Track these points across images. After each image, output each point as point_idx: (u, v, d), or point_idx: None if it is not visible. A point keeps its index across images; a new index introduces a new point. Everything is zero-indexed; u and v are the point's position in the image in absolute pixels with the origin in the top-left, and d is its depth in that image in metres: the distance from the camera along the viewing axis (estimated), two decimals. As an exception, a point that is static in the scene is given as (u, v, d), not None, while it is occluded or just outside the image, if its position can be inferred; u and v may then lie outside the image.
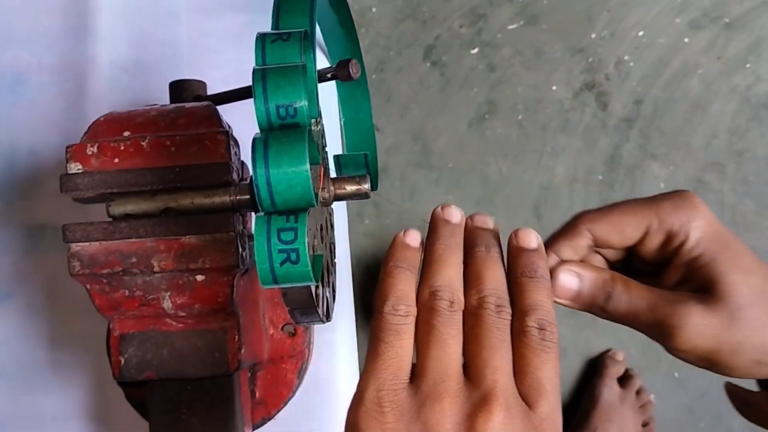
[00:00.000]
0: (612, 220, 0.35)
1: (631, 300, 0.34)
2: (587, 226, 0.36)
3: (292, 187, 0.31)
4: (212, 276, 0.40)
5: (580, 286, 0.35)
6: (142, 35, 0.57)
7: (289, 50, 0.34)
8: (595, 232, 0.36)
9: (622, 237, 0.35)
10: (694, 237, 0.34)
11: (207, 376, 0.42)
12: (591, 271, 0.35)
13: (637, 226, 0.35)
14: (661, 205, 0.35)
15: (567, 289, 0.35)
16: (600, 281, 0.35)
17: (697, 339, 0.33)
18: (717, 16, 1.28)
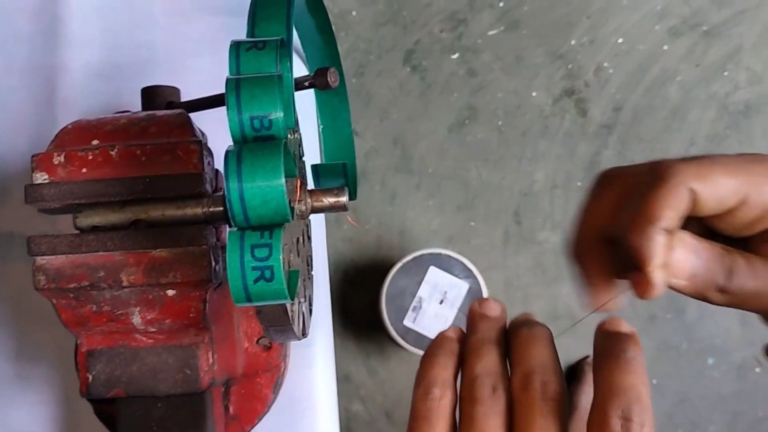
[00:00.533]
0: (717, 180, 0.27)
1: (757, 276, 0.29)
2: (692, 184, 0.27)
3: (267, 202, 0.30)
4: (184, 291, 0.38)
5: (696, 264, 0.29)
6: (116, 38, 0.56)
7: (264, 59, 0.33)
8: (702, 193, 0.27)
9: (719, 204, 0.28)
10: None
11: (178, 393, 0.40)
12: (705, 244, 0.29)
13: (736, 192, 0.28)
14: (750, 165, 0.28)
15: (684, 269, 0.29)
16: (718, 255, 0.29)
17: None
18: (696, 24, 1.29)
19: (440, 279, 1.02)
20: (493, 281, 1.17)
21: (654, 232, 0.27)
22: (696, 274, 0.29)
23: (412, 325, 1.02)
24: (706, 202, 0.28)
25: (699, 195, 0.27)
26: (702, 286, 0.29)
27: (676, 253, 0.28)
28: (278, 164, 0.30)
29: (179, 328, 0.40)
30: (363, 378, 1.21)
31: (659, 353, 1.22)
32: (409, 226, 1.22)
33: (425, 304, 1.02)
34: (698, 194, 0.27)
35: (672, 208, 0.27)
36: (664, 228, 0.27)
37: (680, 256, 0.28)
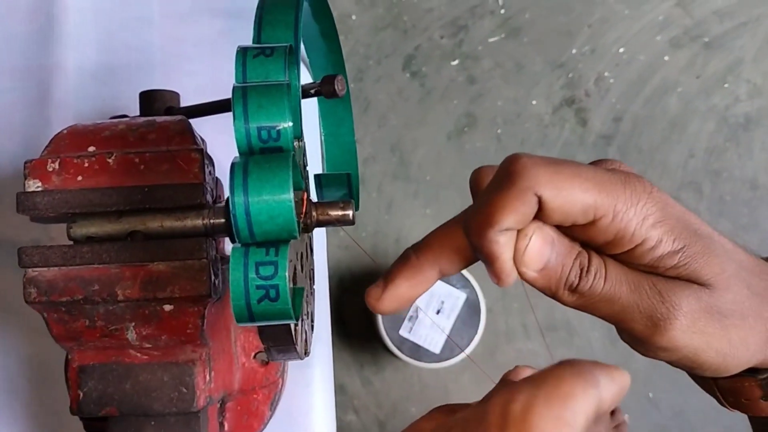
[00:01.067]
0: (570, 194, 0.26)
1: (610, 279, 0.28)
2: (541, 192, 0.26)
3: (274, 218, 0.28)
4: (181, 306, 0.37)
5: (551, 256, 0.27)
6: (112, 40, 0.54)
7: (272, 67, 0.32)
8: (548, 200, 0.26)
9: (565, 217, 0.27)
10: (654, 236, 0.27)
11: (173, 412, 0.39)
12: (563, 238, 0.28)
13: (585, 211, 0.26)
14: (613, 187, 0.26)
15: (537, 259, 0.27)
16: (574, 251, 0.28)
17: (687, 334, 0.27)
18: (697, 35, 1.28)
19: (437, 288, 1.01)
20: (489, 291, 1.16)
21: (493, 234, 0.26)
22: (548, 267, 0.28)
23: (408, 335, 1.00)
24: (551, 213, 0.26)
25: (546, 204, 0.26)
26: (554, 281, 0.28)
27: (531, 242, 0.27)
28: (286, 178, 0.28)
29: (175, 344, 0.38)
30: (357, 388, 1.20)
31: (654, 366, 1.21)
32: (406, 234, 1.21)
33: (422, 314, 1.00)
34: (545, 203, 0.26)
35: (515, 213, 0.26)
36: (504, 230, 0.26)
37: (534, 246, 0.27)
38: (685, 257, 0.27)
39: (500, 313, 1.21)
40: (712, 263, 0.27)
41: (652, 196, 0.27)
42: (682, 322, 0.27)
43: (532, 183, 0.26)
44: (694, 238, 0.27)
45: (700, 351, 0.28)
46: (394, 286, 0.29)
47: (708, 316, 0.27)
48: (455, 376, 1.20)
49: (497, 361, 1.20)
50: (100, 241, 0.36)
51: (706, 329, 0.28)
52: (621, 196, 0.26)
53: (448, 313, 1.00)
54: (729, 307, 0.28)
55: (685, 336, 0.27)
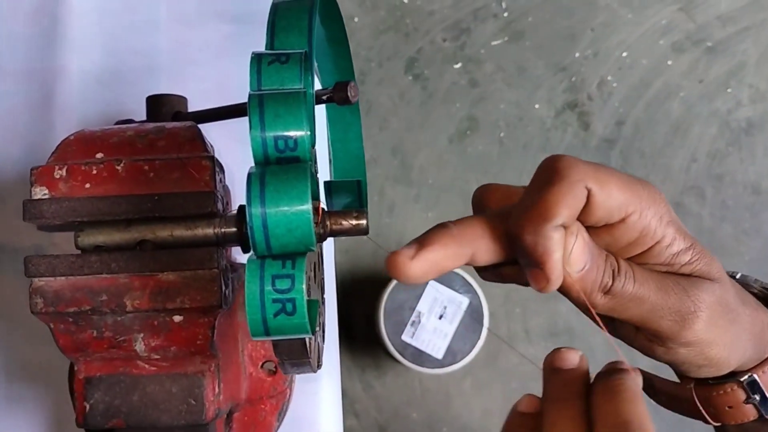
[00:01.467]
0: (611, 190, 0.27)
1: (639, 279, 0.28)
2: (590, 185, 0.26)
3: (292, 230, 0.28)
4: (191, 317, 0.36)
5: (589, 260, 0.28)
6: (118, 43, 0.53)
7: (287, 74, 0.31)
8: (596, 197, 0.26)
9: (607, 213, 0.27)
10: (669, 234, 0.28)
11: (181, 425, 0.38)
12: (593, 241, 0.28)
13: (620, 207, 0.27)
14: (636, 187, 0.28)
15: (580, 260, 0.27)
16: (603, 255, 0.28)
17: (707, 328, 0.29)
18: (700, 40, 1.28)
19: (440, 293, 1.00)
20: (492, 296, 1.15)
21: (549, 230, 0.26)
22: (587, 269, 0.28)
23: (411, 340, 1.00)
24: (596, 208, 0.27)
25: (593, 198, 0.26)
26: (589, 283, 0.28)
27: (577, 242, 0.27)
28: (305, 189, 0.28)
29: (185, 355, 0.37)
30: (358, 393, 1.19)
31: (657, 371, 1.20)
32: (407, 238, 1.20)
33: (424, 319, 0.99)
34: (593, 197, 0.26)
35: (569, 206, 0.26)
36: (559, 225, 0.26)
37: (579, 247, 0.27)
38: (695, 254, 0.29)
39: (502, 319, 1.20)
40: (713, 261, 0.30)
41: (662, 198, 0.28)
42: (705, 314, 0.29)
43: (582, 176, 0.26)
44: (693, 238, 0.29)
45: (713, 344, 0.29)
46: (428, 250, 0.28)
47: (720, 309, 0.29)
48: (457, 381, 1.19)
49: (499, 367, 1.19)
50: (109, 250, 0.35)
51: (719, 322, 0.29)
52: (644, 198, 0.28)
53: (450, 318, 0.99)
54: (732, 301, 0.30)
55: (706, 329, 0.29)
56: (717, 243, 1.23)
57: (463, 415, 1.18)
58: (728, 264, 1.22)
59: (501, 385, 1.19)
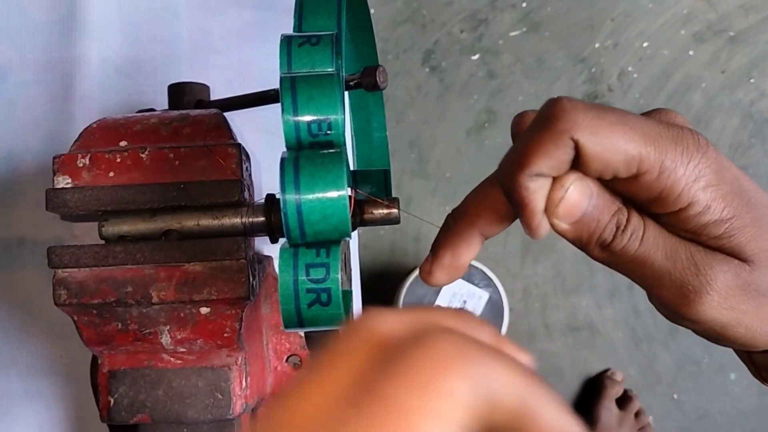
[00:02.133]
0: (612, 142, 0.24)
1: (646, 242, 0.26)
2: (578, 136, 0.24)
3: (327, 217, 0.26)
4: (218, 308, 0.35)
5: (587, 209, 0.26)
6: (138, 31, 0.52)
7: (318, 56, 0.30)
8: (585, 146, 0.24)
9: (604, 167, 0.25)
10: (702, 201, 0.25)
11: (207, 419, 0.37)
12: (603, 191, 0.26)
13: (629, 162, 0.25)
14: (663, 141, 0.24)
15: (572, 212, 0.26)
16: (614, 206, 0.26)
17: (719, 310, 0.26)
18: (722, 29, 1.25)
19: (459, 288, 0.99)
20: (511, 290, 1.14)
21: (524, 179, 0.25)
22: (582, 220, 0.26)
23: (430, 335, 0.98)
24: (590, 161, 0.24)
25: (583, 151, 0.24)
26: (586, 235, 0.26)
27: (569, 193, 0.25)
28: (341, 174, 0.26)
29: (211, 348, 0.36)
30: (376, 388, 1.18)
31: (680, 367, 1.19)
32: (425, 232, 1.19)
33: (443, 314, 0.98)
34: (582, 150, 0.24)
35: (548, 158, 0.24)
36: (535, 175, 0.25)
37: (571, 198, 0.25)
38: (732, 228, 0.25)
39: (522, 313, 1.19)
40: (759, 238, 0.25)
41: (707, 155, 0.25)
42: (713, 297, 0.26)
43: (569, 126, 0.24)
44: (745, 208, 0.25)
45: (729, 327, 0.26)
46: (438, 258, 0.28)
47: (743, 294, 0.26)
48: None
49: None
50: (134, 240, 0.34)
51: (740, 306, 0.26)
52: (671, 152, 0.24)
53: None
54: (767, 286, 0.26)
55: (715, 311, 0.26)
56: (740, 236, 1.21)
57: (482, 410, 1.17)
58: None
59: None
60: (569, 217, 0.26)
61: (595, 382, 1.17)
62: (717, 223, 0.25)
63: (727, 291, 0.26)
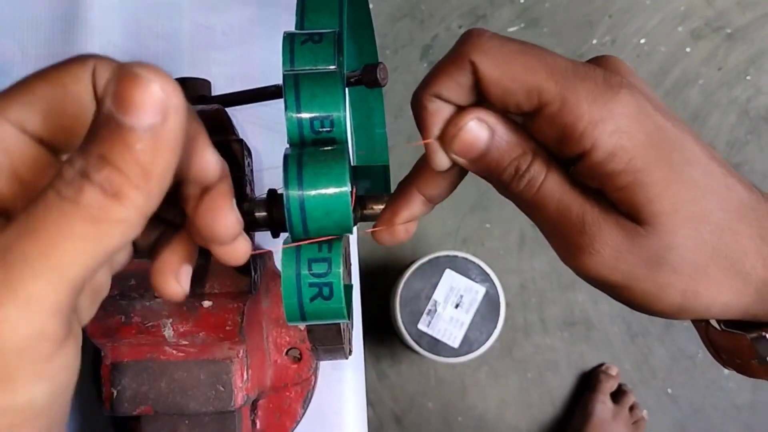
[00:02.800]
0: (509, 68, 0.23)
1: (542, 192, 0.25)
2: (473, 56, 0.23)
3: (330, 213, 0.27)
4: (221, 302, 0.35)
5: (490, 145, 0.25)
6: (139, 27, 0.53)
7: (321, 54, 0.30)
8: (482, 68, 0.24)
9: (503, 93, 0.24)
10: (606, 146, 0.23)
11: (209, 411, 0.37)
12: (510, 132, 0.25)
13: (528, 91, 0.23)
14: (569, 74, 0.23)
15: (469, 148, 0.25)
16: (517, 149, 0.25)
17: (607, 270, 0.24)
18: (719, 26, 1.26)
19: (456, 282, 0.99)
20: (507, 285, 1.15)
21: (423, 98, 0.25)
22: (484, 159, 0.25)
23: (427, 329, 0.99)
24: (489, 86, 0.24)
25: (481, 75, 0.24)
26: (486, 174, 0.26)
27: (467, 127, 0.25)
28: (343, 171, 0.27)
29: (213, 341, 0.37)
30: (373, 382, 1.19)
31: (674, 362, 1.20)
32: (422, 227, 1.19)
33: (440, 308, 0.99)
34: (481, 74, 0.24)
35: (448, 78, 0.24)
36: (434, 95, 0.25)
37: (468, 133, 0.25)
38: (636, 183, 0.23)
39: (518, 308, 1.20)
40: (664, 199, 0.23)
41: (620, 97, 0.23)
42: (596, 258, 0.24)
43: (470, 50, 0.24)
44: (658, 163, 0.23)
45: (622, 289, 0.25)
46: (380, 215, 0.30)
47: (634, 257, 0.24)
48: (472, 371, 1.18)
49: (515, 357, 1.19)
50: (137, 234, 0.35)
51: (631, 270, 0.24)
52: (576, 87, 0.23)
53: (467, 308, 0.99)
54: (664, 254, 0.24)
55: (602, 271, 0.25)
56: (735, 233, 1.22)
57: (479, 405, 1.18)
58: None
59: (517, 375, 1.18)
60: (465, 153, 0.25)
61: (590, 376, 1.18)
62: (620, 174, 0.23)
63: (614, 253, 0.24)
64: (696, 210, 0.24)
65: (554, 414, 1.18)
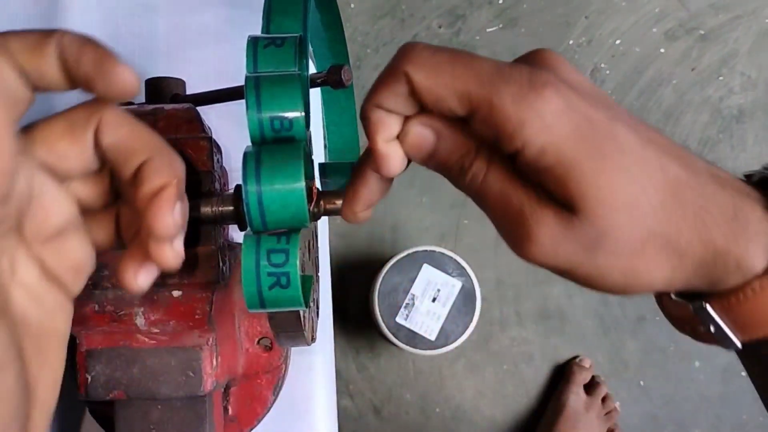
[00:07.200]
0: (436, 72, 0.25)
1: (485, 185, 0.27)
2: (406, 68, 0.26)
3: (286, 207, 0.29)
4: (190, 292, 0.37)
5: (437, 146, 0.28)
6: (117, 26, 0.54)
7: (283, 57, 0.32)
8: (415, 79, 0.26)
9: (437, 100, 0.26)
10: (536, 144, 0.24)
11: (180, 396, 0.39)
12: (454, 133, 0.27)
13: (459, 97, 0.25)
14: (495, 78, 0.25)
15: (420, 146, 0.28)
16: (462, 148, 0.27)
17: (549, 257, 0.26)
18: (693, 28, 1.29)
19: (433, 276, 1.02)
20: (484, 280, 1.17)
21: (367, 108, 0.27)
22: (435, 158, 0.28)
23: (405, 322, 1.01)
24: (422, 95, 0.26)
25: (415, 85, 0.26)
26: (438, 170, 0.29)
27: (412, 131, 0.27)
28: (299, 168, 0.29)
29: (183, 329, 0.38)
30: (352, 374, 1.21)
31: (646, 355, 1.23)
32: (402, 222, 1.22)
33: (418, 302, 1.01)
34: (414, 84, 0.26)
35: (387, 89, 0.26)
36: (376, 106, 0.27)
37: (413, 135, 0.27)
38: (567, 176, 0.25)
39: (495, 302, 1.22)
40: (594, 187, 0.25)
41: (543, 96, 0.24)
42: (537, 246, 0.26)
43: (403, 62, 0.26)
44: (588, 154, 0.24)
45: (569, 272, 0.27)
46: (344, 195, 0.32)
47: (571, 243, 0.26)
48: (449, 363, 1.21)
49: (491, 349, 1.21)
50: (110, 227, 0.37)
51: (571, 256, 0.26)
52: (501, 90, 0.24)
53: (443, 301, 1.01)
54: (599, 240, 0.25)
55: (545, 258, 0.26)
56: (707, 229, 1.25)
57: (456, 396, 1.20)
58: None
59: (493, 367, 1.21)
60: (415, 153, 0.28)
61: (564, 369, 1.20)
62: (552, 168, 0.25)
63: (552, 242, 0.26)
64: (627, 195, 0.25)
65: (529, 405, 1.21)
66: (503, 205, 0.27)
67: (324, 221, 0.57)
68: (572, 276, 0.27)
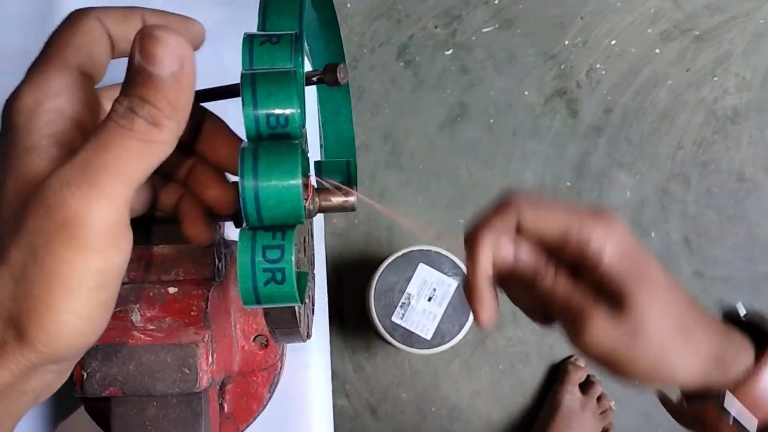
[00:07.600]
0: (540, 212, 0.36)
1: (554, 285, 0.36)
2: (517, 208, 0.36)
3: (282, 203, 0.29)
4: (186, 288, 0.37)
5: (518, 258, 0.37)
6: (113, 25, 0.54)
7: (278, 54, 0.32)
8: (523, 216, 0.36)
9: (540, 231, 0.37)
10: (607, 255, 0.35)
11: (175, 393, 0.39)
12: (535, 252, 0.37)
13: (559, 227, 0.36)
14: (582, 215, 0.36)
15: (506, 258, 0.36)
16: (540, 262, 0.37)
17: (598, 342, 0.35)
18: (688, 29, 1.29)
19: (429, 276, 1.02)
20: (480, 279, 1.17)
21: (483, 231, 0.36)
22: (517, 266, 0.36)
23: (401, 321, 1.02)
24: (527, 228, 0.36)
25: (522, 221, 0.36)
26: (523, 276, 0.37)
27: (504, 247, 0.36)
28: (295, 164, 0.29)
29: (179, 326, 0.39)
30: (348, 373, 1.21)
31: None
32: (398, 222, 1.22)
33: (414, 301, 1.01)
34: (522, 219, 0.36)
35: (500, 219, 0.36)
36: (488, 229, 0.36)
37: (504, 250, 0.36)
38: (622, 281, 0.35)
39: (490, 301, 1.22)
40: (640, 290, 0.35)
41: (613, 229, 0.36)
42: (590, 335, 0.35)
43: (515, 204, 0.36)
44: (635, 268, 0.35)
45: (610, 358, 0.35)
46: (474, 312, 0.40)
47: (615, 331, 0.35)
48: (445, 362, 1.21)
49: (487, 349, 1.22)
50: (106, 224, 0.37)
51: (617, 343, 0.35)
52: (588, 222, 0.36)
53: (439, 301, 1.01)
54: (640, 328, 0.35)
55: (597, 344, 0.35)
56: (701, 229, 1.26)
57: (452, 395, 1.20)
58: (712, 250, 1.24)
59: (489, 366, 1.21)
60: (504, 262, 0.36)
61: (559, 368, 1.21)
62: (614, 275, 0.35)
63: (602, 330, 0.35)
64: (660, 298, 0.35)
65: (525, 404, 1.21)
66: (566, 302, 0.36)
67: (319, 219, 0.57)
68: (612, 361, 0.35)
